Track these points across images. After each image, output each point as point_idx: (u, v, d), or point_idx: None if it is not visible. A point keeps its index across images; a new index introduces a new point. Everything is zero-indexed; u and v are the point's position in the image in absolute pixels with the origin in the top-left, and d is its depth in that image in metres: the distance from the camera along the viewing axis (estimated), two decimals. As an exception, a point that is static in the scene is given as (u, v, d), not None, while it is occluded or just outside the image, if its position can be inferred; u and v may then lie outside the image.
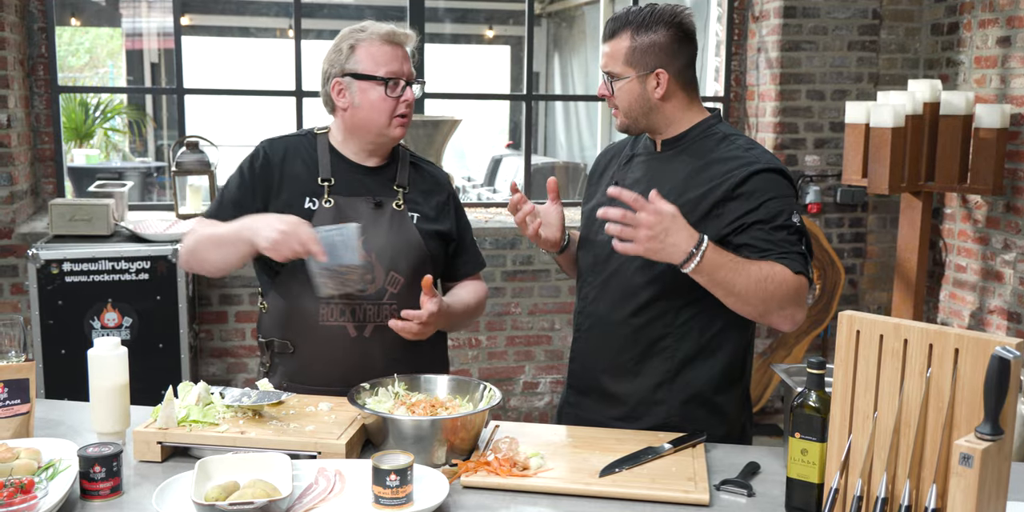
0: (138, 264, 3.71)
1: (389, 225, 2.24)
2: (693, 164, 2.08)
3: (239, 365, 4.33)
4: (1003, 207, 4.25)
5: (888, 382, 1.49)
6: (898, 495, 1.48)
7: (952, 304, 4.65)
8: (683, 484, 1.74)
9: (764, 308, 1.95)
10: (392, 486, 1.61)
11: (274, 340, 2.26)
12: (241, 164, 2.28)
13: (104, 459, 1.67)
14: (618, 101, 2.10)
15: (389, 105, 2.18)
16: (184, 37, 8.41)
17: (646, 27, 2.04)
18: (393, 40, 2.19)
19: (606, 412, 2.16)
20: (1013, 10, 4.15)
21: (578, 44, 8.49)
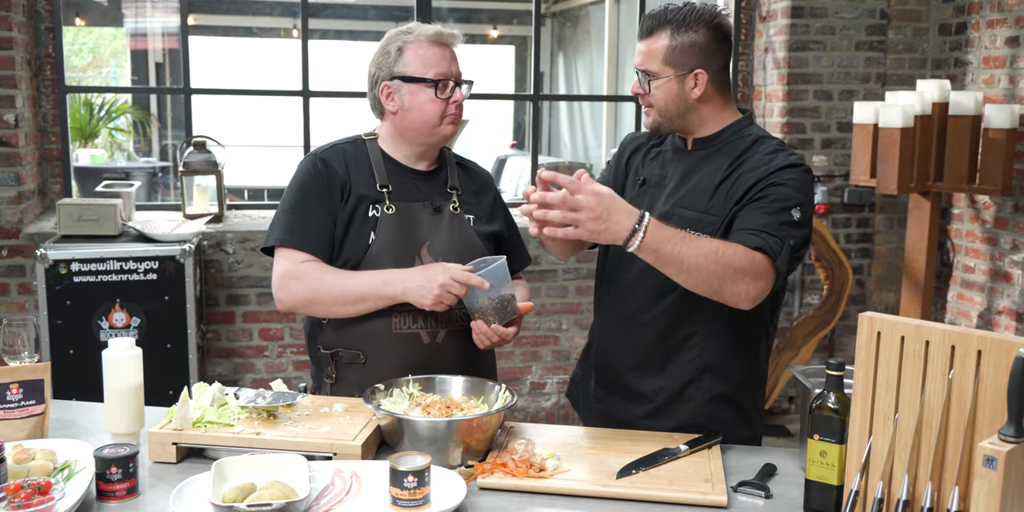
0: (146, 264, 3.71)
1: (450, 229, 2.23)
2: (725, 165, 2.07)
3: (246, 365, 4.33)
4: (1011, 207, 4.24)
5: (909, 384, 1.48)
6: (919, 497, 1.48)
7: (960, 305, 4.64)
8: (700, 486, 1.74)
9: (717, 283, 1.86)
10: (410, 487, 1.61)
11: (339, 351, 2.20)
12: (298, 182, 2.21)
13: (120, 460, 1.66)
14: (654, 100, 2.08)
15: (439, 106, 2.16)
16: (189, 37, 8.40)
17: (686, 26, 2.03)
18: (441, 41, 2.17)
19: (632, 410, 2.16)
20: (1022, 10, 4.14)
21: (582, 44, 8.49)
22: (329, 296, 2.11)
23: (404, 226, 2.18)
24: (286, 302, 2.16)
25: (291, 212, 2.19)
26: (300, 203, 2.19)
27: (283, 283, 2.15)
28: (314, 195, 2.18)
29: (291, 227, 2.17)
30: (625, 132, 7.57)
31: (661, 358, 2.13)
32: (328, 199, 2.18)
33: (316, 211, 2.17)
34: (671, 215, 2.10)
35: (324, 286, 2.11)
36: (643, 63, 2.08)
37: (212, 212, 4.30)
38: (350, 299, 2.10)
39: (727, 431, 2.04)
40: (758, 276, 1.89)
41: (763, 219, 1.95)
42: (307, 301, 2.13)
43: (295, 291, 2.13)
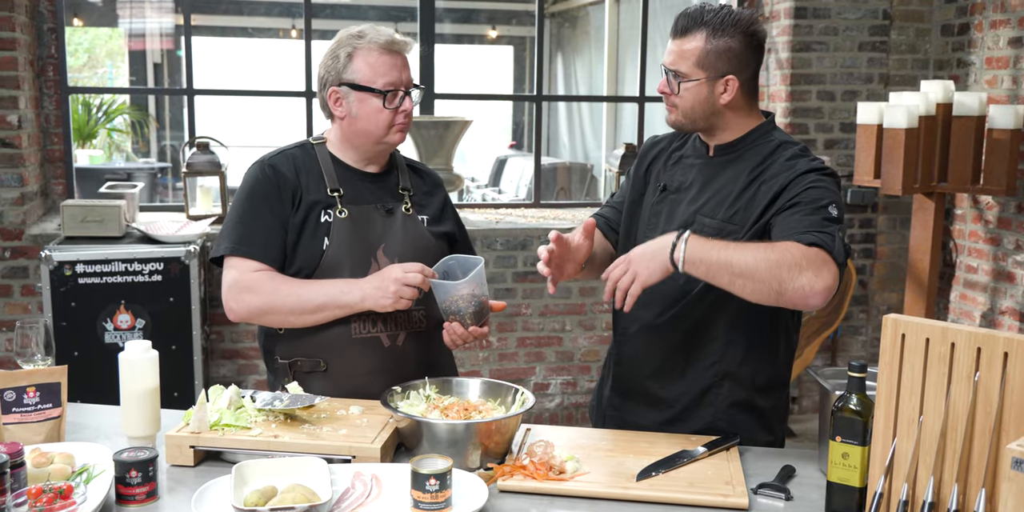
0: (151, 266, 3.70)
1: (403, 230, 2.21)
2: (746, 173, 2.06)
3: (250, 367, 4.32)
4: (1015, 208, 4.25)
5: (934, 386, 1.48)
6: (945, 500, 1.48)
7: (963, 305, 4.65)
8: (721, 488, 1.74)
9: (776, 283, 1.79)
10: (432, 490, 1.60)
11: (299, 360, 2.18)
12: (246, 190, 2.17)
13: (140, 464, 1.65)
14: (680, 100, 2.05)
15: (387, 116, 2.13)
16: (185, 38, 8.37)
17: (723, 31, 1.99)
18: (392, 49, 2.12)
19: (651, 416, 2.15)
20: (1025, 11, 4.15)
21: (581, 44, 8.49)
22: (285, 306, 2.08)
23: (358, 229, 2.16)
24: (238, 313, 2.12)
25: (240, 221, 2.14)
26: (249, 211, 2.14)
27: (235, 294, 2.10)
28: (264, 202, 2.14)
29: (241, 236, 2.12)
30: (625, 133, 7.58)
31: (681, 364, 2.12)
32: (279, 206, 2.14)
33: (266, 219, 2.13)
34: (691, 223, 2.09)
35: (279, 297, 2.08)
36: (674, 63, 2.04)
37: (216, 213, 4.29)
38: (307, 309, 2.07)
39: (747, 436, 2.04)
40: (819, 267, 1.80)
41: (804, 221, 1.91)
42: (261, 312, 2.10)
43: (248, 302, 2.09)
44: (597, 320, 4.64)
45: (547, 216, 4.75)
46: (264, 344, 2.26)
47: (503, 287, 4.49)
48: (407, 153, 3.94)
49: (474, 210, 4.94)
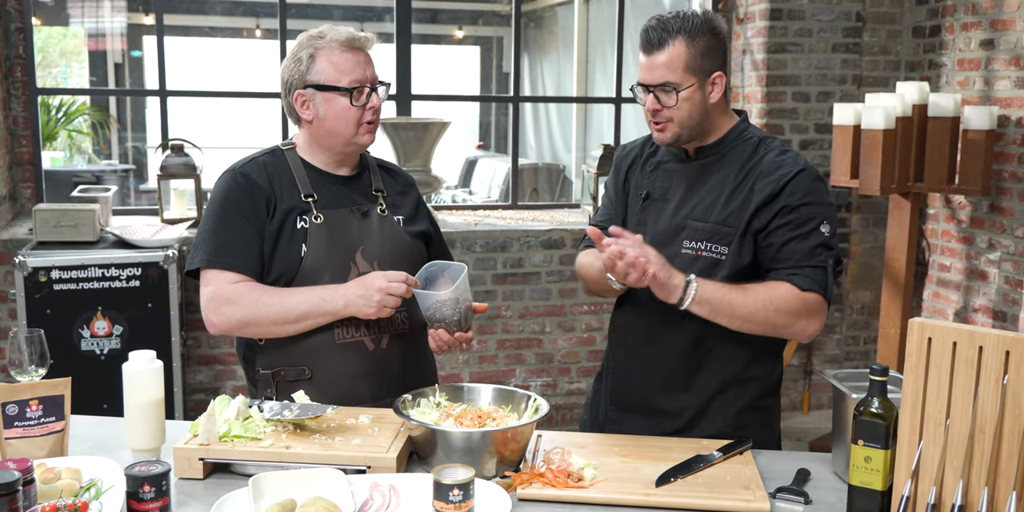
0: (129, 271, 3.62)
1: (380, 232, 2.19)
2: (732, 172, 2.06)
3: (227, 372, 4.25)
4: (987, 207, 4.31)
5: (961, 389, 1.49)
6: (972, 503, 1.48)
7: (936, 303, 4.71)
8: (741, 493, 1.73)
9: (771, 328, 1.99)
10: (455, 501, 1.58)
11: (282, 369, 2.13)
12: (219, 199, 2.12)
13: (154, 478, 1.61)
14: (676, 112, 2.02)
15: (355, 114, 2.10)
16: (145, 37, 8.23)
17: (698, 32, 2.00)
18: (354, 45, 2.09)
19: (655, 428, 2.12)
20: (996, 13, 4.22)
21: (548, 45, 8.48)
22: (268, 318, 2.04)
23: (335, 234, 2.13)
24: (219, 326, 2.08)
25: (215, 232, 2.09)
26: (224, 222, 2.09)
27: (215, 307, 2.06)
28: (238, 212, 2.09)
29: (215, 247, 2.08)
30: (595, 134, 7.58)
31: (684, 375, 2.11)
32: (253, 215, 2.09)
33: (242, 229, 2.09)
34: (683, 228, 2.08)
35: (262, 308, 2.04)
36: (662, 76, 2.00)
37: (191, 216, 4.22)
38: (290, 318, 2.04)
39: (751, 435, 2.04)
40: (812, 315, 1.97)
41: (798, 248, 1.98)
42: (243, 324, 2.06)
43: (230, 314, 2.05)
44: (577, 322, 4.63)
45: (525, 217, 4.73)
46: (244, 355, 2.22)
47: (483, 289, 4.47)
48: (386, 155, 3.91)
49: (452, 212, 4.91)
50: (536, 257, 4.52)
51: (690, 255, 2.06)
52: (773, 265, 2.00)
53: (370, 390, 2.04)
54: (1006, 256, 4.23)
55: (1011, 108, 4.15)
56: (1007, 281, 4.23)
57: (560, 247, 4.53)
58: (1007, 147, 4.16)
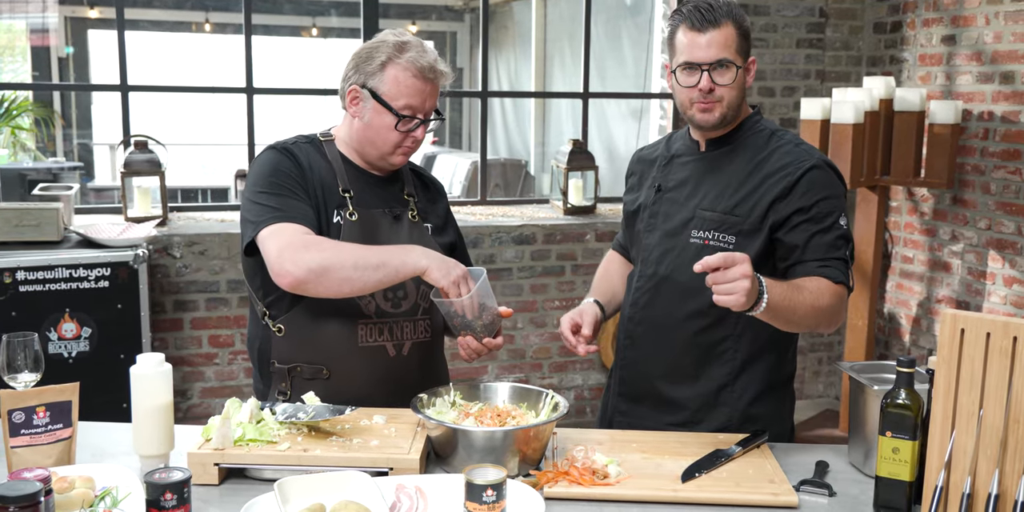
0: (97, 271, 3.51)
1: (411, 238, 2.13)
2: (745, 163, 2.07)
3: (195, 374, 4.16)
4: (950, 200, 4.40)
5: (995, 379, 1.50)
6: (1008, 491, 1.50)
7: (899, 294, 4.80)
8: (768, 486, 1.73)
9: (814, 325, 2.00)
10: (489, 501, 1.55)
11: (299, 366, 2.07)
12: (268, 171, 2.03)
13: (175, 486, 1.55)
14: (728, 91, 2.02)
15: (396, 137, 2.05)
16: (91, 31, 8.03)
17: (741, 17, 2.04)
18: (427, 76, 2.03)
19: (663, 418, 2.13)
20: (957, 10, 4.31)
21: (502, 40, 8.45)
22: (350, 260, 1.89)
23: (366, 234, 2.07)
24: (296, 274, 1.87)
25: (272, 196, 1.99)
26: (281, 188, 2.01)
27: (291, 254, 1.88)
28: (294, 182, 2.02)
29: (282, 206, 1.98)
30: (555, 129, 7.58)
31: (693, 364, 2.11)
32: (303, 191, 2.03)
33: (302, 196, 2.01)
34: (691, 218, 2.09)
35: (343, 251, 1.91)
36: (718, 54, 2.00)
37: (156, 215, 4.11)
38: (371, 263, 1.89)
39: (763, 428, 2.04)
40: (840, 308, 2.01)
41: (822, 242, 2.00)
42: (324, 269, 1.87)
43: (310, 260, 1.87)
44: (548, 317, 4.62)
45: (495, 213, 4.71)
46: (259, 348, 2.14)
47: (455, 286, 4.42)
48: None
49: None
50: (508, 253, 4.50)
51: (698, 244, 2.07)
52: (801, 258, 2.01)
53: (384, 396, 1.99)
54: (969, 247, 4.32)
55: (973, 102, 4.24)
56: (970, 272, 4.32)
57: (531, 243, 4.51)
58: (969, 141, 4.25)
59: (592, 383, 4.72)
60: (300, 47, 9.62)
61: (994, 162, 4.14)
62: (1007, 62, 4.05)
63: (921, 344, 4.66)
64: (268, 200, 2.00)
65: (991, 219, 4.17)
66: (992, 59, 4.13)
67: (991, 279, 4.20)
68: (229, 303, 4.13)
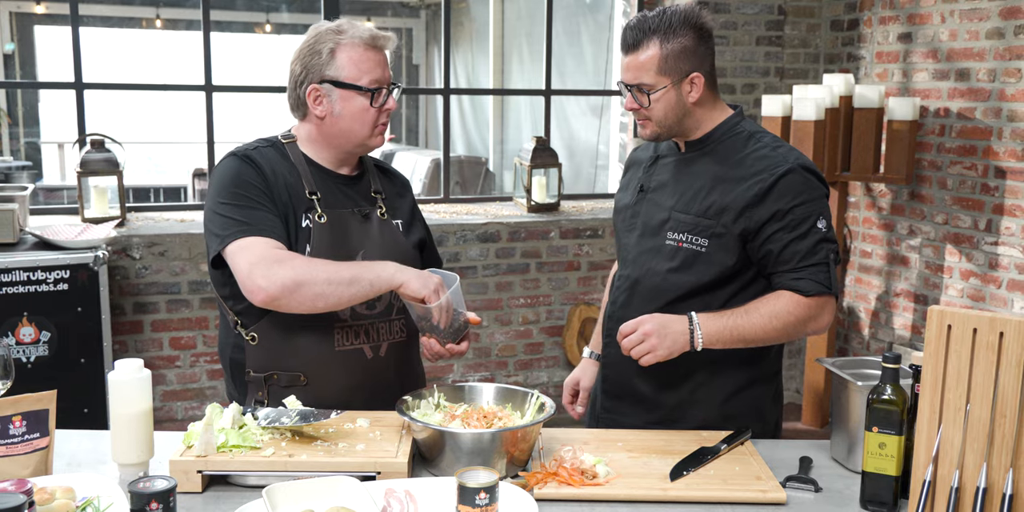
0: (56, 274, 3.43)
1: (381, 236, 2.11)
2: (721, 165, 2.06)
3: (157, 377, 4.08)
4: (907, 195, 4.47)
5: (982, 374, 1.52)
6: (995, 484, 1.52)
7: (858, 288, 4.87)
8: (755, 483, 1.74)
9: (785, 338, 2.04)
10: (482, 505, 1.53)
11: (275, 373, 2.03)
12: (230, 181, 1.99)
13: (161, 494, 1.51)
14: (653, 112, 2.03)
15: (373, 115, 2.03)
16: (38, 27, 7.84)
17: (673, 32, 1.98)
18: (376, 44, 2.02)
19: (643, 417, 2.13)
20: (913, 7, 4.37)
21: (458, 37, 8.42)
22: (322, 276, 1.86)
23: (336, 235, 2.05)
24: (268, 289, 1.85)
25: (239, 208, 1.95)
26: (247, 199, 1.97)
27: (263, 269, 1.86)
28: (259, 192, 1.98)
29: (250, 219, 1.94)
30: (513, 126, 7.57)
31: (669, 364, 2.10)
32: (269, 200, 1.98)
33: (268, 207, 1.98)
34: (667, 220, 2.09)
35: (315, 267, 1.88)
36: (636, 78, 2.02)
37: (114, 215, 4.02)
38: (343, 278, 1.87)
39: (741, 426, 2.06)
40: (821, 314, 2.02)
41: (798, 249, 1.99)
42: (296, 284, 1.85)
43: (283, 275, 1.85)
44: (513, 315, 4.62)
45: (459, 211, 4.69)
46: (231, 356, 2.10)
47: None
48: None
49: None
50: (472, 251, 4.49)
51: (672, 246, 2.07)
52: (775, 269, 2.02)
53: (363, 398, 1.97)
54: (926, 242, 4.39)
55: (929, 99, 4.31)
56: (927, 266, 4.40)
57: (496, 240, 4.50)
58: (926, 137, 4.33)
59: (557, 380, 4.72)
60: (253, 43, 9.49)
61: (950, 158, 4.21)
62: (962, 59, 4.13)
63: (880, 337, 4.73)
64: (233, 213, 1.95)
65: (948, 214, 4.25)
66: (948, 56, 4.20)
67: (948, 273, 4.27)
68: (190, 305, 4.07)
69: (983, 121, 4.03)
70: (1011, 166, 3.92)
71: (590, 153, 6.41)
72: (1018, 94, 3.87)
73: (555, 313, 4.66)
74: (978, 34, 4.04)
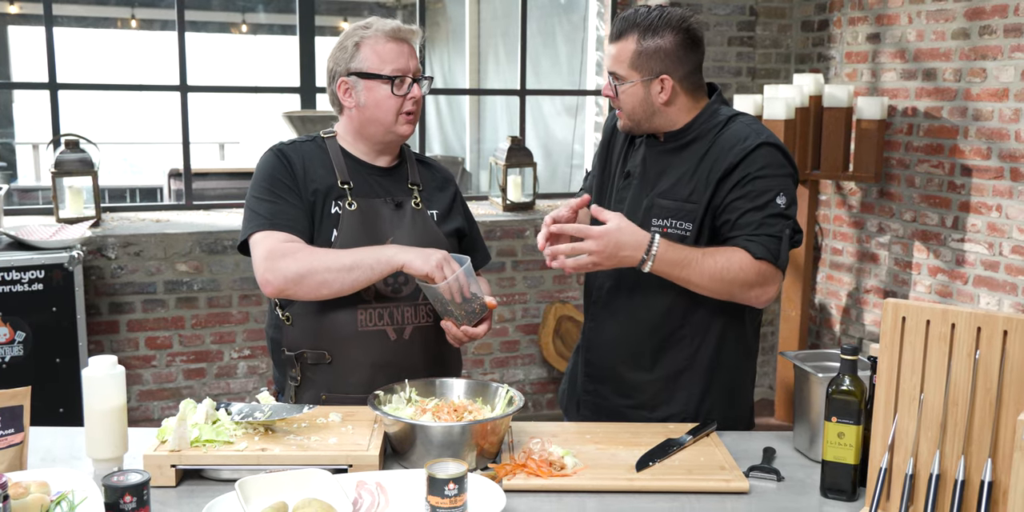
0: (31, 274, 3.44)
1: (412, 225, 2.19)
2: (698, 153, 2.09)
3: (133, 377, 4.08)
4: (877, 193, 4.54)
5: (935, 365, 1.57)
6: (948, 471, 1.57)
7: (829, 285, 4.94)
8: (719, 473, 1.79)
9: (727, 293, 2.04)
10: (451, 495, 1.57)
11: (305, 352, 2.15)
12: (264, 175, 2.15)
13: (135, 488, 1.53)
14: (622, 103, 2.10)
15: (395, 103, 2.12)
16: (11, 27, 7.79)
17: (653, 31, 2.03)
18: (398, 36, 2.13)
19: (623, 401, 2.19)
20: (882, 8, 4.44)
21: (434, 37, 8.44)
22: (323, 265, 2.00)
23: (366, 222, 2.15)
24: (275, 283, 2.01)
25: (264, 202, 2.12)
26: (272, 194, 2.12)
27: (269, 263, 2.02)
28: (285, 186, 2.13)
29: (270, 213, 2.10)
30: (489, 126, 7.59)
31: (652, 350, 2.16)
32: (296, 193, 2.13)
33: (292, 200, 2.12)
34: (651, 206, 2.13)
35: (316, 257, 2.02)
36: (612, 66, 2.09)
37: (89, 216, 4.03)
38: (344, 265, 2.00)
39: (719, 415, 2.10)
40: (765, 282, 2.03)
41: (753, 218, 2.02)
42: (299, 276, 2.00)
43: (285, 268, 2.00)
44: (489, 313, 4.64)
45: (435, 211, 4.71)
46: (272, 336, 2.25)
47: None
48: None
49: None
50: (448, 250, 4.51)
51: (657, 231, 2.11)
52: (732, 233, 2.04)
53: (388, 379, 2.01)
54: (895, 239, 4.46)
55: (898, 99, 4.38)
56: (896, 262, 4.47)
57: (472, 239, 4.53)
58: (894, 136, 4.40)
59: (534, 378, 4.76)
60: (229, 44, 9.48)
61: (918, 156, 4.28)
62: (929, 59, 4.20)
63: (851, 333, 4.80)
64: (258, 206, 2.12)
65: (916, 211, 4.32)
66: (915, 56, 4.27)
67: (916, 269, 4.34)
68: (166, 304, 4.08)
69: (949, 120, 4.10)
70: (976, 164, 3.99)
71: (566, 152, 6.45)
72: (983, 93, 3.94)
73: (531, 311, 4.70)
74: (944, 34, 4.11)
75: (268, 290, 2.04)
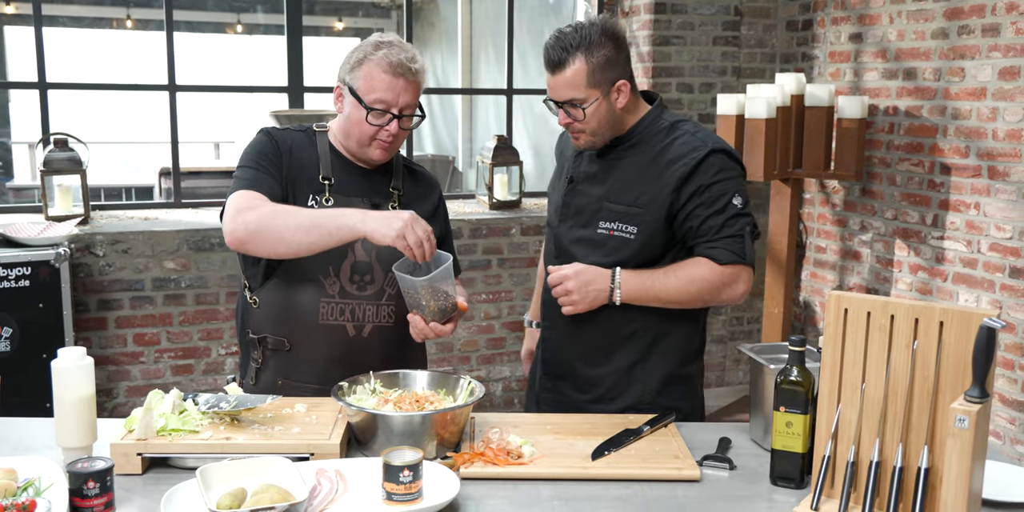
0: (18, 270, 3.49)
1: None
2: (645, 157, 2.16)
3: (121, 373, 4.14)
4: (859, 191, 4.58)
5: (876, 355, 1.62)
6: (888, 458, 1.61)
7: (813, 283, 4.98)
8: (672, 462, 1.83)
9: (700, 301, 2.15)
10: (405, 482, 1.62)
11: (267, 337, 2.21)
12: (254, 150, 2.19)
13: (98, 474, 1.59)
14: (587, 124, 2.13)
15: (369, 131, 2.14)
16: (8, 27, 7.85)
17: (595, 45, 2.06)
18: (397, 71, 2.10)
19: (582, 396, 2.25)
20: (864, 8, 4.48)
21: (427, 37, 8.50)
22: (281, 222, 2.00)
23: None
24: (235, 233, 2.02)
25: (248, 169, 2.16)
26: (256, 163, 2.16)
27: (234, 214, 2.04)
28: (270, 161, 2.17)
29: (251, 178, 2.14)
30: (482, 125, 7.65)
31: (605, 345, 2.22)
32: (279, 170, 2.17)
33: (274, 174, 2.16)
34: (599, 210, 2.19)
35: (278, 213, 2.03)
36: (566, 94, 2.10)
37: (78, 213, 4.08)
38: (303, 224, 1.98)
39: (675, 404, 2.15)
40: (735, 281, 2.13)
41: (713, 222, 2.11)
42: (257, 229, 2.00)
43: (247, 220, 2.01)
44: (475, 310, 4.69)
45: (421, 209, 4.75)
46: (241, 317, 2.29)
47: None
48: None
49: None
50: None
51: (604, 235, 2.18)
52: (695, 241, 2.14)
53: (343, 374, 2.04)
54: (877, 237, 4.50)
55: (879, 98, 4.42)
56: (878, 260, 4.51)
57: (458, 237, 4.57)
58: (876, 135, 4.44)
59: (519, 375, 4.81)
60: (225, 44, 9.53)
61: (899, 155, 4.32)
62: (909, 59, 4.24)
63: (835, 331, 4.83)
64: (243, 174, 2.16)
65: (897, 209, 4.36)
66: (896, 56, 4.31)
67: (898, 267, 4.38)
68: (154, 301, 4.13)
69: (929, 119, 4.14)
70: (955, 163, 4.03)
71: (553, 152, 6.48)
72: (962, 93, 3.98)
73: (517, 308, 4.75)
74: (924, 34, 4.15)
75: (229, 240, 2.04)
